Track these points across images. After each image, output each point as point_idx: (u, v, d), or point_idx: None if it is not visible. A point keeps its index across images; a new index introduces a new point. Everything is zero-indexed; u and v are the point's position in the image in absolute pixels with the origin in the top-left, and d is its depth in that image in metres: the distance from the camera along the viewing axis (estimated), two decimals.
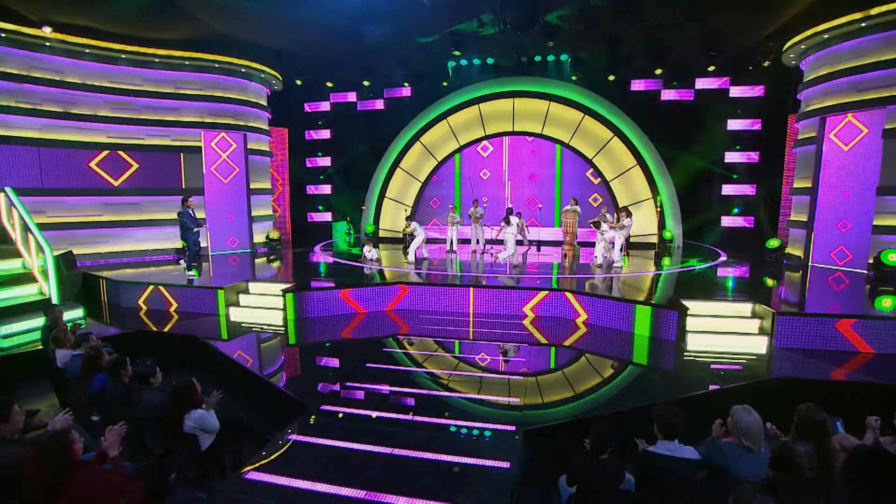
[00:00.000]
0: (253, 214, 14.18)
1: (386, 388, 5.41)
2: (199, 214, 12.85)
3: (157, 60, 11.91)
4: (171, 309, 8.99)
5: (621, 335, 7.38)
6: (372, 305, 8.77)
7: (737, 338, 6.74)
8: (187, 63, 12.23)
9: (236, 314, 8.64)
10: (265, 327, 8.09)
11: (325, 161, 18.37)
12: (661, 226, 14.80)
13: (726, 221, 15.07)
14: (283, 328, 8.06)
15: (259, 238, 14.26)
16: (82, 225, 11.43)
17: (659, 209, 13.93)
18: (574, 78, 15.01)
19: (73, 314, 8.33)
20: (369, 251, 11.53)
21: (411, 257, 11.48)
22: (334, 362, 6.67)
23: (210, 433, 4.15)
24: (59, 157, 11.06)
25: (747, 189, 14.84)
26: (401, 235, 16.76)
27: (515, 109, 15.79)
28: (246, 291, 9.11)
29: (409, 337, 7.46)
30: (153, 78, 12.06)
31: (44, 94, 10.74)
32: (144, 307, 9.18)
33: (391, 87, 17.06)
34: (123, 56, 11.52)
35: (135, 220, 12.10)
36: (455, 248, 13.69)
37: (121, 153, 11.85)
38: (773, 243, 12.16)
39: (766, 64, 12.55)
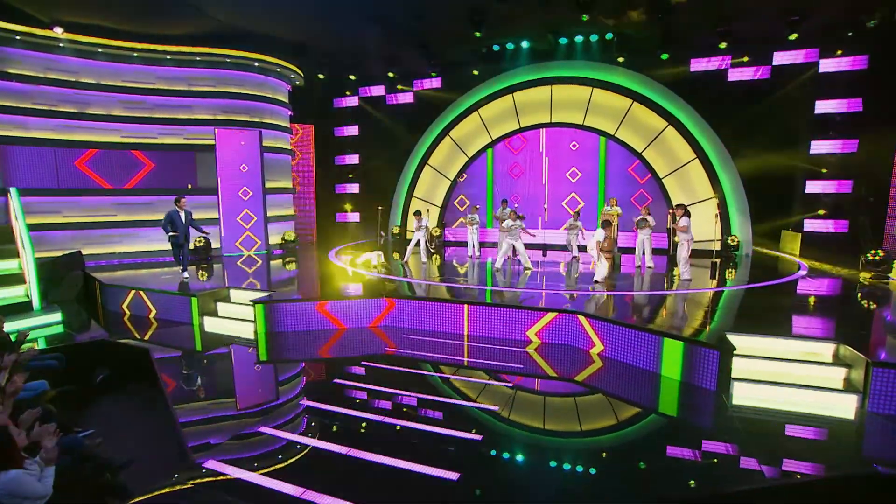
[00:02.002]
0: (269, 215, 13.74)
1: (305, 441, 4.24)
2: (212, 215, 12.65)
3: (168, 58, 11.70)
4: (151, 315, 8.50)
5: (644, 376, 5.65)
6: (354, 321, 7.68)
7: (808, 394, 4.81)
8: (198, 59, 11.93)
9: (211, 324, 7.96)
10: (237, 341, 7.30)
11: (353, 158, 17.72)
12: (726, 230, 12.38)
13: (810, 226, 12.29)
14: (254, 343, 7.24)
15: (275, 239, 13.77)
16: (96, 225, 11.47)
17: (718, 212, 11.58)
18: (621, 59, 12.99)
19: (51, 318, 8.08)
20: (363, 258, 10.55)
21: (407, 257, 10.67)
22: (272, 392, 5.62)
23: (33, 499, 3.22)
24: (74, 157, 11.13)
25: (841, 186, 11.99)
26: (429, 237, 15.71)
27: (553, 98, 14.05)
28: (227, 300, 8.42)
29: (379, 365, 6.25)
30: (166, 76, 11.88)
31: (59, 95, 10.84)
32: (128, 312, 8.79)
33: (420, 78, 16.01)
34: (136, 54, 11.40)
35: (148, 220, 11.96)
36: (478, 252, 12.32)
37: (135, 152, 11.80)
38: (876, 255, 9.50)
39: (872, 24, 9.84)
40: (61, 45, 10.60)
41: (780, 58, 12.03)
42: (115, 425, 4.95)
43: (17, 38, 10.15)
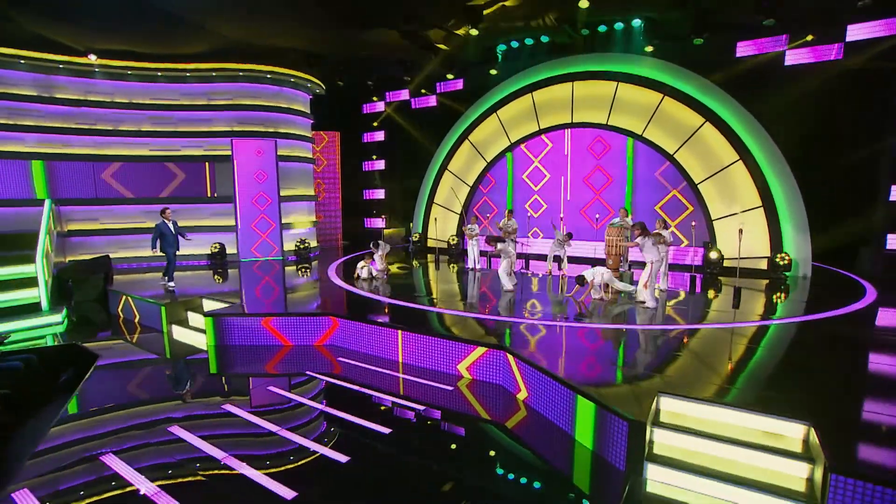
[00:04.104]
0: (289, 221, 14.19)
1: (132, 479, 4.05)
2: (229, 222, 13.36)
3: (188, 75, 12.51)
4: (136, 320, 9.08)
5: (558, 437, 4.68)
6: (299, 338, 7.48)
7: (750, 497, 3.56)
8: (214, 74, 12.61)
9: (179, 333, 8.26)
10: (197, 351, 7.50)
11: (380, 164, 17.77)
12: (777, 247, 10.28)
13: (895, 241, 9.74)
14: (205, 354, 7.38)
15: (290, 246, 14.16)
16: (128, 231, 12.61)
17: (769, 222, 9.61)
18: (649, 48, 11.38)
19: (54, 319, 8.94)
20: (362, 267, 10.29)
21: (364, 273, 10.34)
22: (149, 415, 5.50)
23: None
24: (110, 170, 12.34)
25: None
26: (445, 246, 15.22)
27: (575, 95, 12.75)
28: (199, 309, 8.69)
29: (285, 392, 5.95)
30: (188, 92, 12.72)
31: (97, 115, 12.08)
32: (122, 315, 9.48)
33: (442, 80, 15.55)
34: (160, 74, 12.34)
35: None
36: (477, 265, 11.54)
37: (161, 164, 12.82)
38: None
39: None
40: (97, 70, 11.80)
41: (856, 32, 9.65)
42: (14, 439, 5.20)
43: (61, 66, 11.47)
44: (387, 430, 4.83)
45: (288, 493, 3.80)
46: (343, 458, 4.31)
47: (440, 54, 13.14)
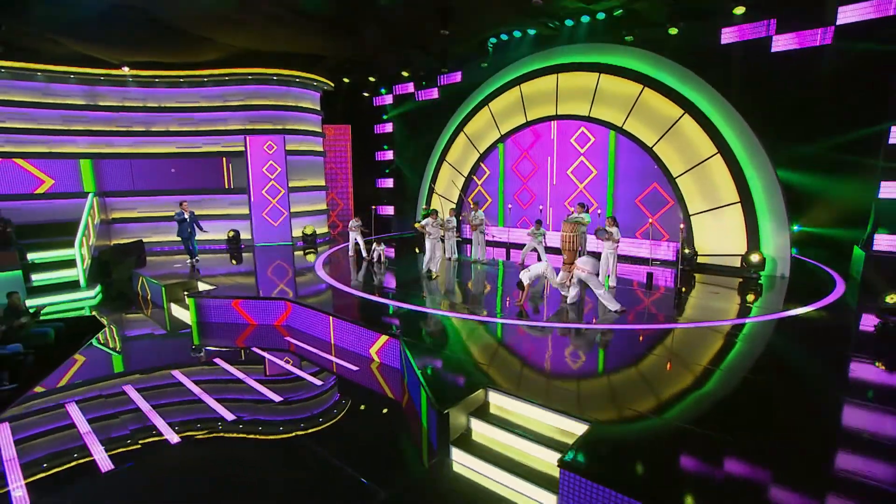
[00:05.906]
0: (299, 210, 15.56)
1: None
2: (244, 211, 14.97)
3: (206, 80, 14.03)
4: (148, 298, 10.79)
5: (415, 418, 5.39)
6: (262, 318, 8.68)
7: (520, 485, 4.09)
8: (227, 78, 14.03)
9: (177, 311, 9.79)
10: (187, 326, 8.95)
11: (389, 154, 18.64)
12: (753, 245, 9.90)
13: (883, 243, 9.01)
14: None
15: (298, 233, 15.55)
16: (160, 219, 14.57)
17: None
18: (629, 38, 11.08)
19: (90, 293, 10.85)
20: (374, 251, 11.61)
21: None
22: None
23: None
24: (144, 165, 14.31)
25: None
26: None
27: (560, 87, 12.70)
28: (195, 289, 10.18)
29: (223, 363, 7.11)
30: (207, 95, 14.28)
31: (133, 119, 13.99)
32: (140, 293, 11.28)
33: (442, 74, 15.96)
34: (182, 80, 13.96)
35: (196, 214, 14.70)
36: (454, 255, 12.17)
37: (184, 160, 14.61)
38: None
39: None
40: (130, 79, 13.62)
41: (848, 14, 8.86)
42: None
43: (102, 78, 13.39)
44: (279, 398, 5.82)
45: (175, 438, 4.92)
46: (230, 416, 5.38)
47: (432, 51, 13.58)
